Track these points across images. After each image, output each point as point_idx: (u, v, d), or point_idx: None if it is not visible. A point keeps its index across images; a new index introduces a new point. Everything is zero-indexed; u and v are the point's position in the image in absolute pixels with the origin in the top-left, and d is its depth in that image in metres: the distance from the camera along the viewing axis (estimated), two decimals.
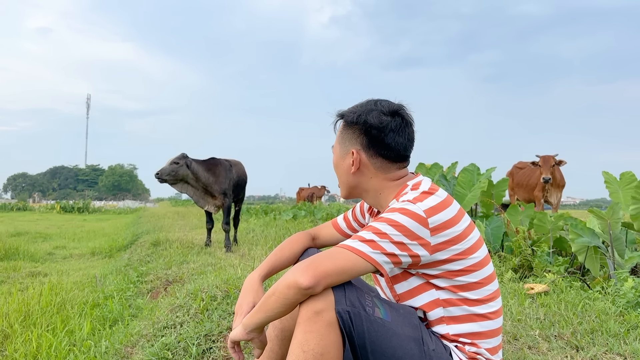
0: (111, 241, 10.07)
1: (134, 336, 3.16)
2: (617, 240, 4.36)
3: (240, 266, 4.95)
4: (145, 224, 12.91)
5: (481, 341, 1.59)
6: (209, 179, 6.95)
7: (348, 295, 1.46)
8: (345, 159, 1.72)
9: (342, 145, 1.73)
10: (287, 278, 1.45)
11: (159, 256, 6.41)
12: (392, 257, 1.47)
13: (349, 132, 1.71)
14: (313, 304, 1.43)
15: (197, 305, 3.26)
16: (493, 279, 1.63)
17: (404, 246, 1.46)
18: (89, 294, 4.85)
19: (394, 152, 1.67)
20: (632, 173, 5.76)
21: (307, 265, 1.43)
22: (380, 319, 1.46)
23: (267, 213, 15.10)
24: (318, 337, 1.41)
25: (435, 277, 1.56)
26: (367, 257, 1.45)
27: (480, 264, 1.58)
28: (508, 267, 4.79)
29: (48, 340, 3.28)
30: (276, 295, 1.46)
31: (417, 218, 1.48)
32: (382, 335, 1.44)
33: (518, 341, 2.74)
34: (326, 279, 1.43)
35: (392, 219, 1.48)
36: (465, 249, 1.55)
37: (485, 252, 1.63)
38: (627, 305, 3.34)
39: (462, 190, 6.50)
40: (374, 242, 1.46)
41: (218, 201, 7.15)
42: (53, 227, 14.87)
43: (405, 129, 1.67)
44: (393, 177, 1.70)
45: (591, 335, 2.83)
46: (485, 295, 1.59)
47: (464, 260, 1.54)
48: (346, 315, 1.43)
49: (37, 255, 8.12)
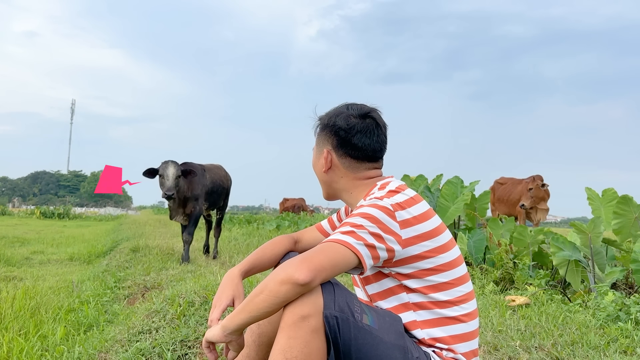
0: (90, 247, 9.90)
1: (108, 341, 3.08)
2: (598, 254, 4.39)
3: (220, 273, 4.88)
4: (126, 230, 12.76)
5: (457, 345, 1.58)
6: (183, 186, 6.41)
7: (337, 299, 1.43)
8: (320, 159, 1.82)
9: (318, 146, 1.85)
10: (279, 275, 1.38)
11: (138, 262, 6.32)
12: (372, 250, 1.47)
13: (323, 133, 1.82)
14: (299, 308, 1.38)
15: (174, 311, 3.19)
16: (465, 281, 1.64)
17: (380, 238, 1.48)
18: (65, 298, 4.74)
19: (361, 152, 1.74)
20: (614, 190, 5.84)
21: (301, 260, 1.39)
22: (368, 325, 1.44)
23: (250, 223, 15.02)
24: (302, 343, 1.37)
25: (407, 277, 1.57)
26: (354, 249, 1.45)
27: (451, 265, 1.60)
28: (490, 280, 4.79)
29: (19, 344, 3.18)
30: (265, 293, 1.39)
31: (385, 210, 1.53)
32: (369, 343, 1.41)
33: (499, 352, 2.72)
34: (322, 273, 1.40)
35: (364, 212, 1.53)
36: (436, 247, 1.58)
37: (458, 254, 1.66)
38: (608, 319, 3.35)
39: (446, 202, 6.52)
40: (354, 232, 1.47)
41: (188, 210, 6.64)
42: (32, 232, 14.57)
43: (374, 130, 1.75)
44: (362, 176, 1.77)
45: (572, 347, 2.82)
46: (457, 296, 1.59)
47: (434, 258, 1.57)
48: (333, 320, 1.39)
49: (14, 260, 7.93)
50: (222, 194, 7.35)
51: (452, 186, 6.64)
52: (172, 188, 5.99)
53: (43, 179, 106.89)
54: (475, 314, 1.65)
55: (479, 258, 5.62)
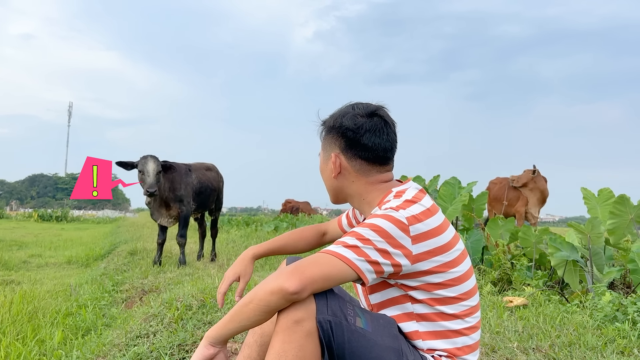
0: (88, 250, 9.89)
1: (106, 346, 3.08)
2: (596, 254, 4.40)
3: (218, 276, 4.87)
4: (123, 233, 12.74)
5: (458, 357, 1.57)
6: (163, 185, 6.08)
7: (330, 304, 1.42)
8: (328, 163, 1.73)
9: (324, 150, 1.76)
10: (269, 284, 1.39)
11: (136, 265, 6.31)
12: (375, 266, 1.43)
13: (329, 137, 1.73)
14: (293, 313, 1.38)
15: (171, 315, 3.19)
16: (473, 294, 1.60)
17: (387, 254, 1.43)
18: (62, 302, 4.73)
19: (372, 152, 1.66)
20: (610, 190, 5.85)
21: (292, 271, 1.39)
22: (362, 329, 1.43)
23: (248, 224, 15.00)
24: (297, 347, 1.37)
25: (414, 289, 1.53)
26: (352, 265, 1.41)
27: (461, 279, 1.55)
28: (487, 280, 4.79)
29: (17, 349, 3.18)
30: (255, 302, 1.39)
31: (399, 224, 1.45)
32: (363, 346, 1.41)
33: (496, 353, 2.72)
34: (312, 284, 1.38)
35: (375, 224, 1.46)
36: (448, 261, 1.52)
37: (468, 266, 1.60)
38: (605, 319, 3.35)
39: (444, 203, 6.52)
40: (357, 247, 1.42)
41: (173, 211, 6.33)
42: (29, 236, 14.55)
43: (383, 129, 1.66)
44: (374, 180, 1.69)
45: (569, 348, 2.82)
46: (462, 310, 1.56)
47: (444, 273, 1.51)
48: (327, 324, 1.39)
49: (11, 264, 7.91)
50: (212, 195, 7.04)
51: (449, 187, 6.65)
52: (153, 184, 5.66)
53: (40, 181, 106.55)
54: (478, 326, 1.62)
55: (477, 259, 5.62)
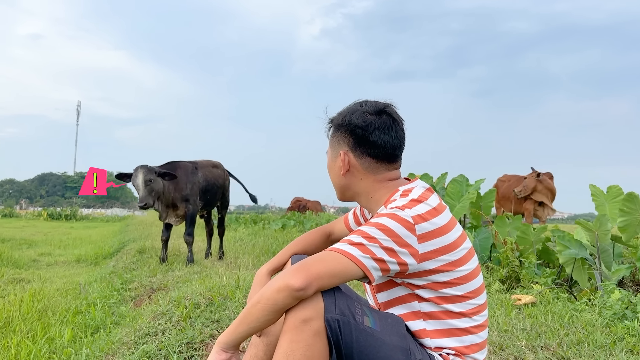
0: (97, 249, 9.95)
1: (115, 344, 3.10)
2: (605, 252, 4.37)
3: (226, 274, 4.89)
4: (132, 231, 12.80)
5: (465, 355, 1.56)
6: (168, 187, 6.06)
7: (338, 303, 1.43)
8: (336, 161, 1.73)
9: (333, 148, 1.76)
10: (275, 283, 1.40)
11: (144, 264, 6.34)
12: (380, 264, 1.43)
13: (337, 134, 1.73)
14: (301, 312, 1.39)
15: (180, 313, 3.21)
16: (480, 292, 1.59)
17: (393, 252, 1.43)
18: (72, 301, 4.77)
19: (381, 150, 1.66)
20: (619, 187, 5.79)
21: (298, 268, 1.40)
22: (370, 328, 1.43)
23: (256, 222, 15.04)
24: (305, 347, 1.37)
25: (420, 288, 1.53)
26: (358, 262, 1.41)
27: (467, 278, 1.55)
28: (495, 278, 4.77)
29: (27, 347, 3.21)
30: (262, 302, 1.40)
31: (405, 224, 1.45)
32: (371, 345, 1.41)
33: (504, 352, 2.72)
34: (318, 281, 1.39)
35: (381, 223, 1.46)
36: (454, 260, 1.52)
37: (476, 264, 1.60)
38: (614, 317, 3.33)
39: (451, 201, 6.50)
40: (363, 245, 1.43)
41: (180, 210, 6.31)
42: (39, 234, 14.67)
43: (392, 126, 1.66)
44: (382, 178, 1.69)
45: (577, 346, 2.81)
46: (469, 308, 1.56)
47: (451, 272, 1.51)
48: (335, 323, 1.39)
49: (21, 262, 7.99)
50: (218, 193, 7.01)
51: (457, 185, 6.62)
52: (144, 197, 5.56)
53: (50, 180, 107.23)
54: (485, 325, 1.62)
55: (485, 256, 5.61)
